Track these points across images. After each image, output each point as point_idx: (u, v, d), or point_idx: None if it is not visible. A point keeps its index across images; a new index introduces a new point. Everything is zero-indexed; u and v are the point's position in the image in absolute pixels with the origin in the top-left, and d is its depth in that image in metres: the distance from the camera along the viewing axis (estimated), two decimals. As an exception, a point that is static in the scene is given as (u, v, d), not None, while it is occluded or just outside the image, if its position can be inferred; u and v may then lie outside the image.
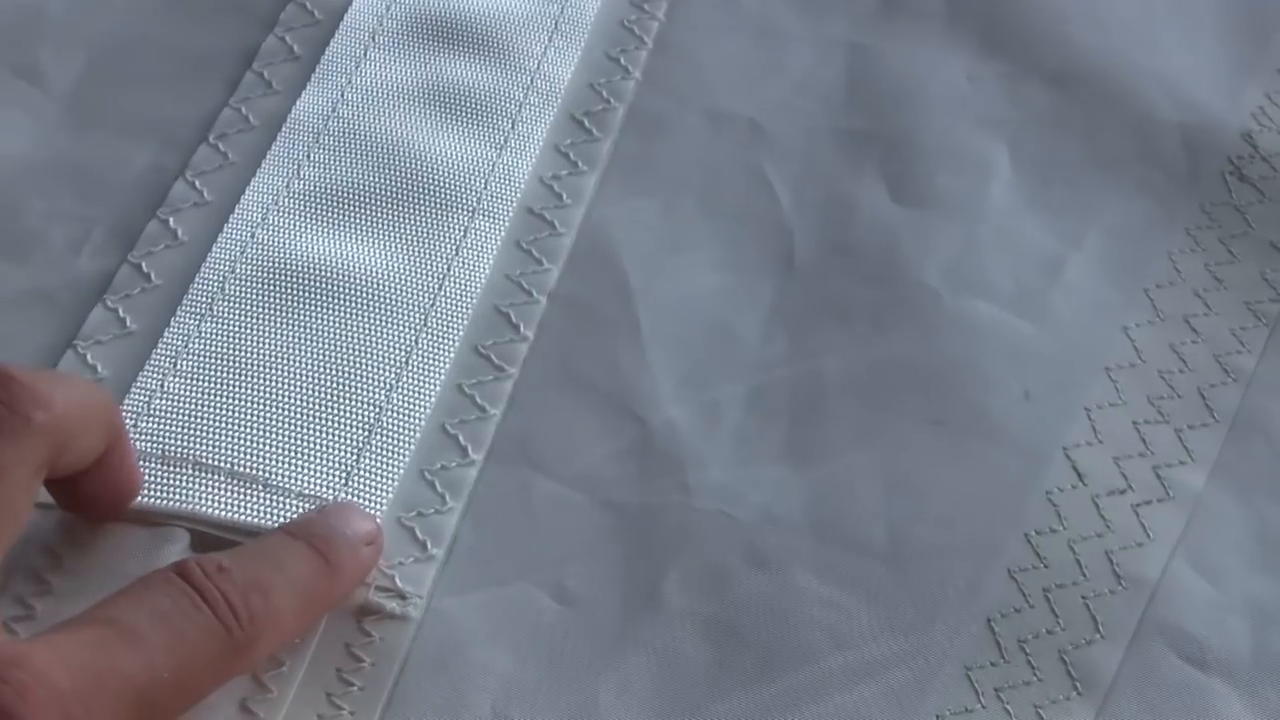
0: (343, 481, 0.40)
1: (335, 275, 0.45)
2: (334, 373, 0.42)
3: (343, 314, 0.44)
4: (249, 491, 0.40)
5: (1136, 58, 0.53)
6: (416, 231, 0.46)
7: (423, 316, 0.44)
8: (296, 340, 0.43)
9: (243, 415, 0.41)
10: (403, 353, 0.43)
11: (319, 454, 0.41)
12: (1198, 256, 0.48)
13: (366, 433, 0.41)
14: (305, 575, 0.35)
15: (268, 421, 0.41)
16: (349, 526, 0.37)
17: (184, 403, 0.41)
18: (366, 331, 0.43)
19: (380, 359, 0.43)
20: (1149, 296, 0.47)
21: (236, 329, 0.43)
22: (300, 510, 0.39)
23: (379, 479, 0.40)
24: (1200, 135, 0.51)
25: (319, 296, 0.44)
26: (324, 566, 0.35)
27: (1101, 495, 0.42)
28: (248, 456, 0.40)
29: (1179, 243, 0.48)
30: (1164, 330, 0.46)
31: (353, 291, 0.44)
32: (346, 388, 0.42)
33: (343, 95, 0.50)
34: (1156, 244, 0.48)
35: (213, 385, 0.42)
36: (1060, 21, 0.54)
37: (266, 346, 0.43)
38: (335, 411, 0.42)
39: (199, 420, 0.41)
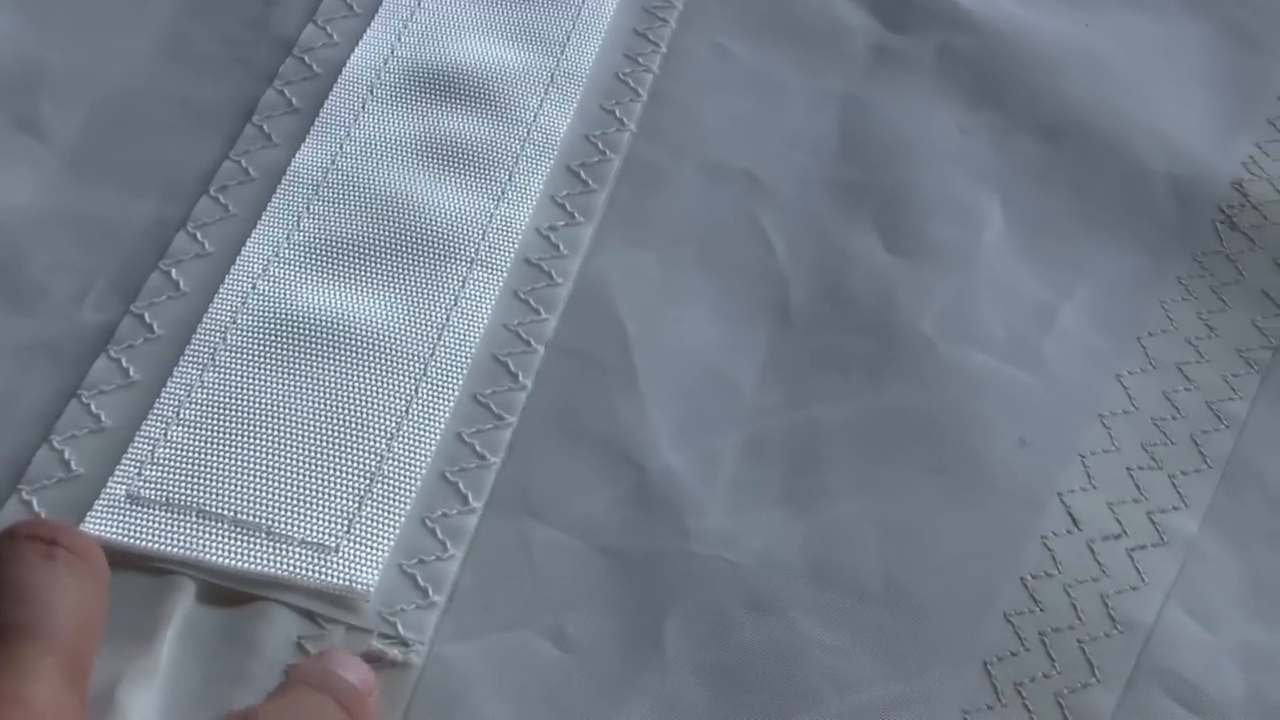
0: (345, 529, 0.40)
1: (336, 325, 0.45)
2: (336, 421, 0.43)
3: (344, 364, 0.44)
4: (252, 539, 0.40)
5: (1127, 109, 0.54)
6: (416, 282, 0.46)
7: (422, 366, 0.44)
8: (298, 389, 0.43)
9: (246, 463, 0.41)
10: (403, 402, 0.43)
11: (322, 502, 0.41)
12: (1190, 305, 0.49)
13: (368, 481, 0.42)
14: None
15: (271, 470, 0.41)
16: (361, 678, 0.36)
17: (187, 451, 0.42)
18: (367, 381, 0.44)
19: (381, 408, 0.43)
20: (1141, 344, 0.47)
21: (239, 378, 0.43)
22: (303, 558, 0.40)
23: (381, 526, 0.41)
24: (1191, 185, 0.52)
25: (320, 346, 0.44)
26: None
27: (1096, 540, 0.43)
28: (251, 504, 0.41)
29: (1171, 291, 0.49)
30: (1157, 378, 0.47)
31: (353, 341, 0.45)
32: (348, 436, 0.42)
33: (341, 148, 0.50)
34: (1149, 293, 0.49)
35: (216, 434, 0.42)
36: (1051, 73, 0.55)
37: (269, 396, 0.43)
38: (337, 460, 0.42)
39: (202, 468, 0.41)
